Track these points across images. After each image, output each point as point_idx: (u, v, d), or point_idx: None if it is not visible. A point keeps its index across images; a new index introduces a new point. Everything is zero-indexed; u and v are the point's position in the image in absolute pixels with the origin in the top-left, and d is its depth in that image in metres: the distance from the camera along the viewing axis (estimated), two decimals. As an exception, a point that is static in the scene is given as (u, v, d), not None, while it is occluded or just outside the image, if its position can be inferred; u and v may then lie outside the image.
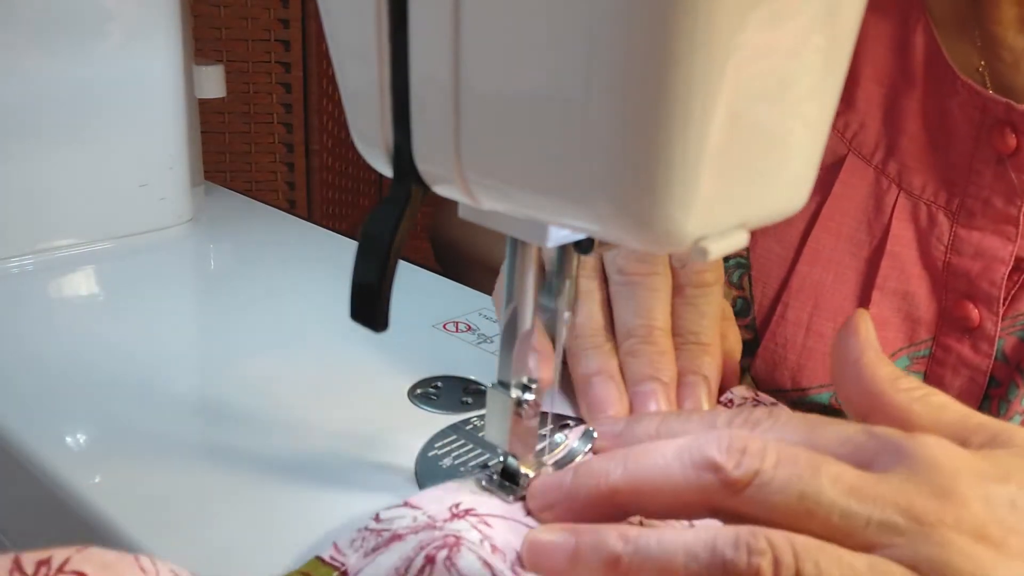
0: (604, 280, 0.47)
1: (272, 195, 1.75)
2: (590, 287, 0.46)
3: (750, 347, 0.62)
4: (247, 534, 0.34)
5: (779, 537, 0.28)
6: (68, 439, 0.41)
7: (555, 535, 0.31)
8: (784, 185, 0.28)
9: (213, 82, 0.69)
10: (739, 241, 0.27)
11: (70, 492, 0.37)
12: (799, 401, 0.59)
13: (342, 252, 0.65)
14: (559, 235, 0.31)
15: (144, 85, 0.61)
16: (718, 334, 0.47)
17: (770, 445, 0.31)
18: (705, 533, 0.29)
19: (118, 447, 0.40)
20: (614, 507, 0.32)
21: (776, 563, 0.27)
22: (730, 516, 0.30)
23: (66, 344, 0.49)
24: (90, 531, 0.35)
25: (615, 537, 0.30)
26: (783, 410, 0.34)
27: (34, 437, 0.40)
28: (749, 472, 0.30)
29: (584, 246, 0.33)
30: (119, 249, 0.62)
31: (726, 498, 0.30)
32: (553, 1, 0.24)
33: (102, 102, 0.59)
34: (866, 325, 0.39)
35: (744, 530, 0.28)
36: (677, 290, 0.46)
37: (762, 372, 0.61)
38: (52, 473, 0.38)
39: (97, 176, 0.61)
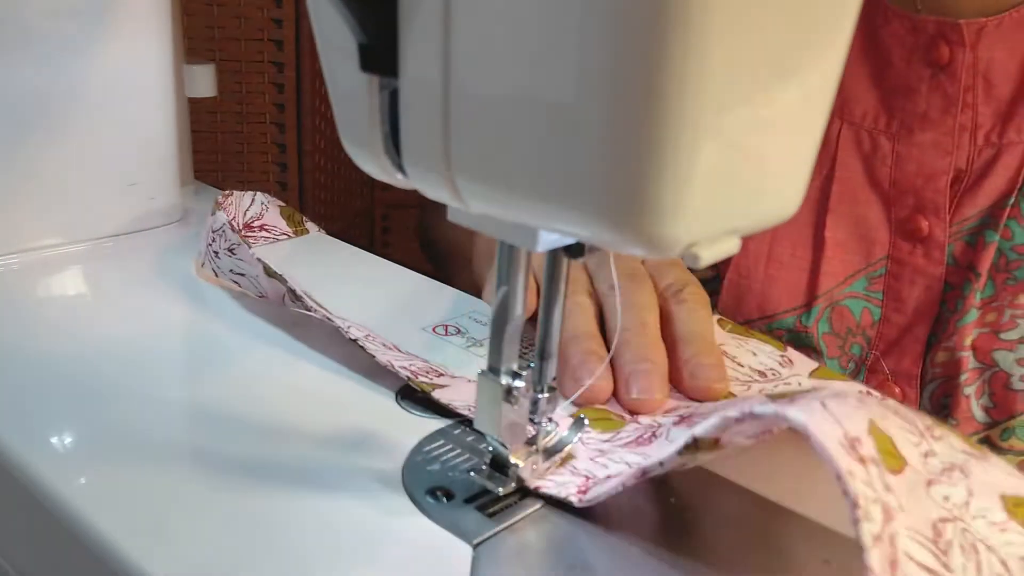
0: (594, 294, 0.49)
1: (264, 195, 1.75)
2: (583, 302, 0.48)
3: (712, 284, 0.65)
4: (233, 538, 0.34)
5: None
6: (53, 440, 0.40)
7: None
8: (776, 192, 0.28)
9: (204, 81, 0.69)
10: (731, 247, 0.27)
11: (54, 494, 0.36)
12: (766, 328, 0.62)
13: (333, 253, 0.64)
14: (549, 239, 0.31)
15: (134, 83, 0.61)
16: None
17: None
18: None
19: (103, 449, 0.39)
20: None
21: None
22: None
23: (51, 345, 0.48)
24: (74, 535, 0.35)
25: None
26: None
27: (18, 438, 0.39)
28: None
29: (574, 251, 0.32)
30: (107, 248, 0.61)
31: None
32: (545, 5, 0.24)
33: (91, 100, 0.59)
34: None
35: None
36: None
37: (729, 304, 0.64)
38: (36, 475, 0.37)
39: (85, 175, 0.60)
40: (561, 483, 0.36)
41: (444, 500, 0.36)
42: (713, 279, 0.64)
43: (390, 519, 0.35)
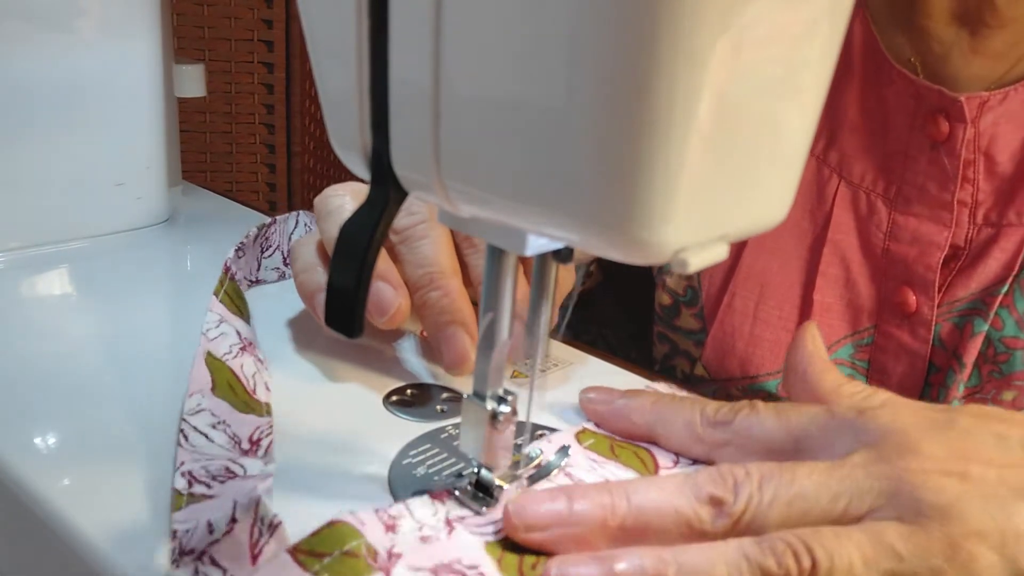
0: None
1: (252, 196, 1.75)
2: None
3: (699, 336, 0.63)
4: (216, 541, 0.34)
5: (788, 535, 0.31)
6: (36, 441, 0.40)
7: (587, 567, 0.31)
8: (766, 197, 0.28)
9: (193, 81, 0.69)
10: (719, 253, 0.27)
11: (37, 496, 0.36)
12: (748, 388, 0.61)
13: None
14: (538, 243, 0.31)
15: (122, 83, 0.61)
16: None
17: (751, 468, 0.34)
18: (732, 547, 0.31)
19: (88, 450, 0.39)
20: (613, 537, 0.33)
21: (796, 557, 0.30)
22: (725, 536, 0.33)
23: (36, 344, 0.48)
24: (57, 537, 0.35)
25: (655, 558, 0.31)
26: (757, 402, 0.38)
27: (1, 439, 0.39)
28: (744, 499, 0.33)
29: (563, 255, 0.32)
30: (94, 249, 0.61)
31: (728, 524, 0.33)
32: (535, 7, 0.24)
33: (79, 99, 0.59)
34: (812, 336, 0.43)
35: (765, 539, 0.31)
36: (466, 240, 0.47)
37: (712, 360, 0.62)
38: (19, 476, 0.37)
39: (72, 174, 0.60)
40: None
41: (430, 504, 0.36)
42: (700, 331, 0.62)
43: (376, 522, 0.35)
